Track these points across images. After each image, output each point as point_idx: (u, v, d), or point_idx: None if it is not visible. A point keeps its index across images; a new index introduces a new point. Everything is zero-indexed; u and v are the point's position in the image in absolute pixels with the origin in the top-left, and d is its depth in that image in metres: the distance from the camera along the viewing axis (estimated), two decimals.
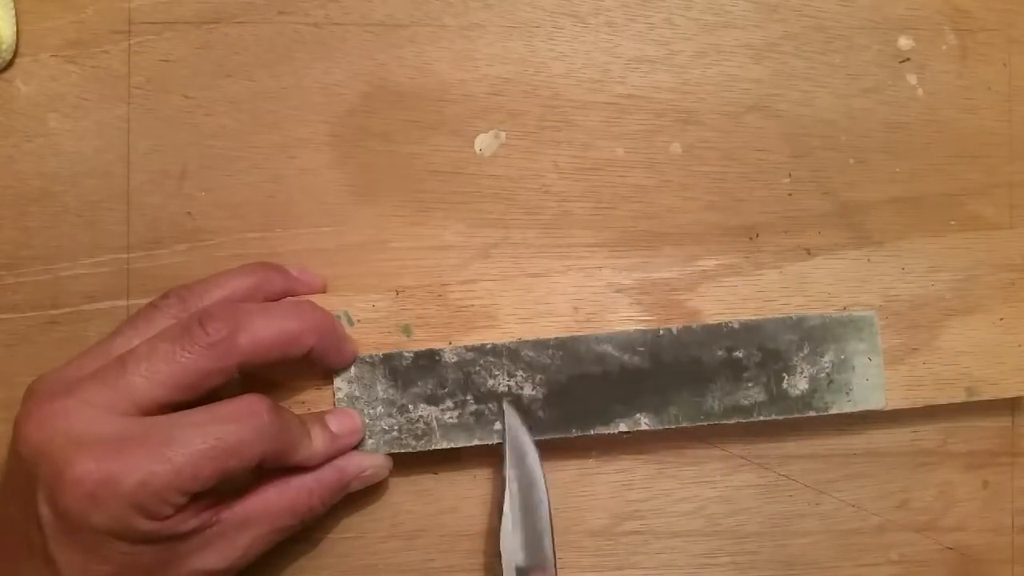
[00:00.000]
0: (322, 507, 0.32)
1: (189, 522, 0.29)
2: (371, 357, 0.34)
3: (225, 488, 0.30)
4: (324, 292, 0.35)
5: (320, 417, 0.33)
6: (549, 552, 0.33)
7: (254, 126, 0.36)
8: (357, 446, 0.33)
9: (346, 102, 0.36)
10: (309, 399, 0.34)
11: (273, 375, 0.34)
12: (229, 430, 0.29)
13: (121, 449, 0.28)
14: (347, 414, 0.33)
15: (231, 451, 0.28)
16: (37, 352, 0.35)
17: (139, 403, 0.28)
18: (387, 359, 0.34)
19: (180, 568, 0.29)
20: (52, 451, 0.28)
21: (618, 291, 0.35)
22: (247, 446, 0.29)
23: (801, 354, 0.35)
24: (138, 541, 0.28)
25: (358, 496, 0.35)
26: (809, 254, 0.35)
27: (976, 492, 0.38)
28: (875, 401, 0.35)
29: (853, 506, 0.37)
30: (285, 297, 0.34)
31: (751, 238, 0.37)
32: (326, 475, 0.32)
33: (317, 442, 0.32)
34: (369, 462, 0.33)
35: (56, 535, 0.27)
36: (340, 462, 0.33)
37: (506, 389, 0.34)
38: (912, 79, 0.38)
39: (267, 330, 0.30)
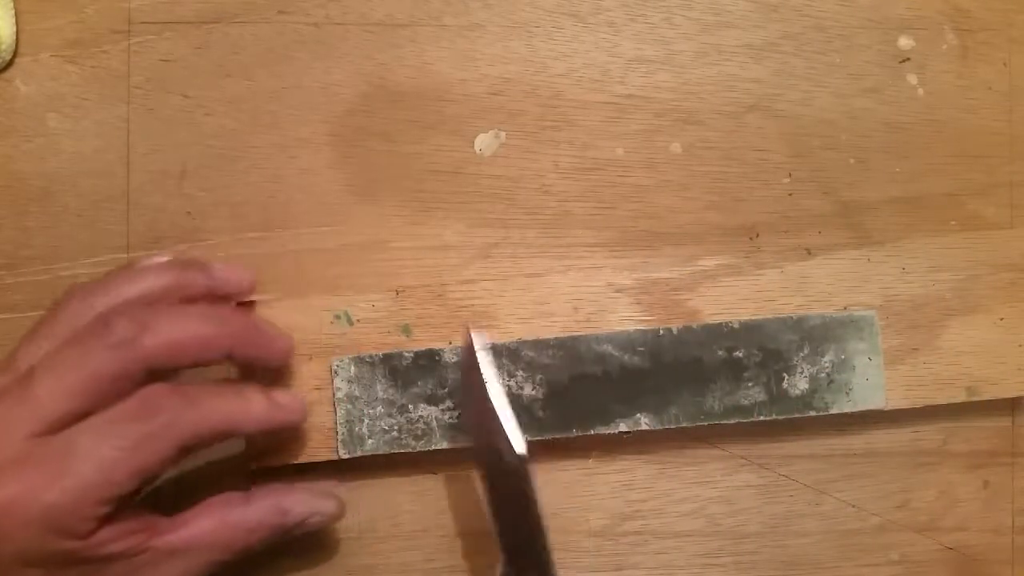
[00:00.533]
0: (259, 547, 0.31)
1: (116, 544, 0.28)
2: (371, 357, 0.34)
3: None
4: (253, 292, 0.33)
5: (260, 387, 0.31)
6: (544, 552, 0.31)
7: (254, 126, 0.36)
8: (357, 445, 0.33)
9: (346, 102, 0.36)
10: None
11: (265, 373, 0.33)
12: (130, 429, 0.27)
13: (25, 472, 0.26)
14: (292, 392, 0.33)
15: (140, 449, 0.27)
16: None
17: (47, 418, 0.27)
18: (387, 359, 0.34)
19: None
20: None
21: (618, 291, 0.35)
22: (157, 439, 0.27)
23: (801, 354, 0.35)
24: (63, 563, 0.27)
25: (358, 495, 0.35)
26: (809, 254, 0.35)
27: (976, 492, 0.38)
28: (875, 401, 0.35)
29: (853, 506, 0.37)
30: (206, 298, 0.32)
31: (751, 238, 0.37)
32: (268, 518, 0.31)
33: (256, 406, 0.30)
34: (317, 508, 0.32)
35: None
36: (285, 504, 0.31)
37: (506, 389, 0.34)
38: (912, 79, 0.38)
39: (176, 332, 0.28)
